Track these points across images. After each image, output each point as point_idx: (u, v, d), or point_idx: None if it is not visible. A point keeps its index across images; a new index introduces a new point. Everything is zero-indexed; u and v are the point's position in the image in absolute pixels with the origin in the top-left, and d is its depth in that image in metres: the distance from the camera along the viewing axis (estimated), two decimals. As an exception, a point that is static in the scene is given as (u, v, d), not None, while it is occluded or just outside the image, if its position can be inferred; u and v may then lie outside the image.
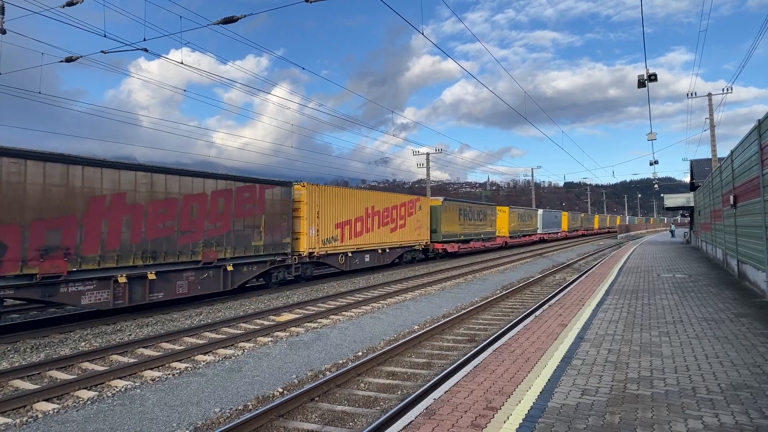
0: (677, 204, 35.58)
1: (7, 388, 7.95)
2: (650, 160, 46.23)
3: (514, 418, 4.74)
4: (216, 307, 14.83)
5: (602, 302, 11.49)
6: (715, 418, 4.59)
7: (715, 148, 32.06)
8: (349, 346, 10.56)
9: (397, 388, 7.91)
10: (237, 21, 12.10)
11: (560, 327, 8.89)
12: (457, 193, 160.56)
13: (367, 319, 13.08)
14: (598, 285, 14.83)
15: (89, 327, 11.90)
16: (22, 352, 9.89)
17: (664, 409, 4.84)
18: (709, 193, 21.98)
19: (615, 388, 5.52)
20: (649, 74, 16.74)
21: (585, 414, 4.78)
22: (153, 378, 8.27)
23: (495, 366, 6.56)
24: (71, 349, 10.20)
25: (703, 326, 8.62)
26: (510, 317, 13.20)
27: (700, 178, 31.41)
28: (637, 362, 6.52)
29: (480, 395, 5.43)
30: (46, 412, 6.78)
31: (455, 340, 10.97)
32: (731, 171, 14.72)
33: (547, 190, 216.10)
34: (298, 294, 17.48)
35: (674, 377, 5.84)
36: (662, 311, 10.18)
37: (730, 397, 5.12)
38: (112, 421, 6.56)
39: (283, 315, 13.64)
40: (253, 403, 7.30)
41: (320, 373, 8.73)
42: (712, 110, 32.49)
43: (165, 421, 6.59)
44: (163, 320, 12.95)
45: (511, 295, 17.14)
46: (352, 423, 6.58)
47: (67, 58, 14.91)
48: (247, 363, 9.14)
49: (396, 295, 16.95)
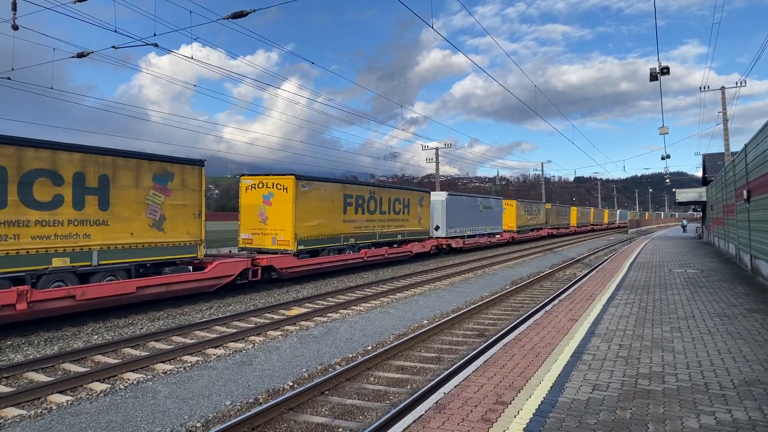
0: (689, 199, 35.25)
1: (21, 380, 8.06)
2: (662, 155, 45.66)
3: (525, 412, 4.74)
4: (226, 301, 14.92)
5: (613, 297, 11.43)
6: (728, 413, 4.56)
7: (728, 142, 31.71)
8: (359, 340, 10.59)
9: (406, 382, 7.93)
10: (246, 15, 12.11)
11: (570, 322, 8.85)
12: (466, 188, 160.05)
13: (376, 314, 13.10)
14: (608, 280, 14.75)
15: (102, 320, 12.02)
16: (36, 345, 10.01)
17: (676, 405, 4.81)
18: (722, 187, 21.75)
19: (626, 383, 5.50)
20: (662, 67, 16.55)
21: (596, 409, 4.76)
22: (164, 371, 8.35)
23: (505, 361, 6.55)
24: (84, 342, 10.31)
25: (715, 322, 8.55)
26: (520, 312, 13.17)
27: (713, 173, 31.08)
28: (648, 358, 6.48)
29: (490, 390, 5.43)
30: (60, 404, 6.87)
31: (465, 335, 10.96)
32: (745, 165, 14.54)
33: (557, 184, 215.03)
34: (307, 288, 17.54)
35: (686, 373, 5.80)
36: (674, 307, 10.11)
37: (743, 392, 5.08)
38: (125, 413, 6.63)
39: (292, 309, 13.70)
40: (264, 396, 7.35)
41: (330, 367, 8.77)
42: (725, 104, 32.11)
43: (177, 413, 6.65)
44: (174, 314, 13.05)
45: (520, 290, 17.09)
46: (362, 417, 6.60)
47: (79, 53, 15.01)
48: (257, 357, 9.20)
49: (405, 290, 16.95)
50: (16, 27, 12.93)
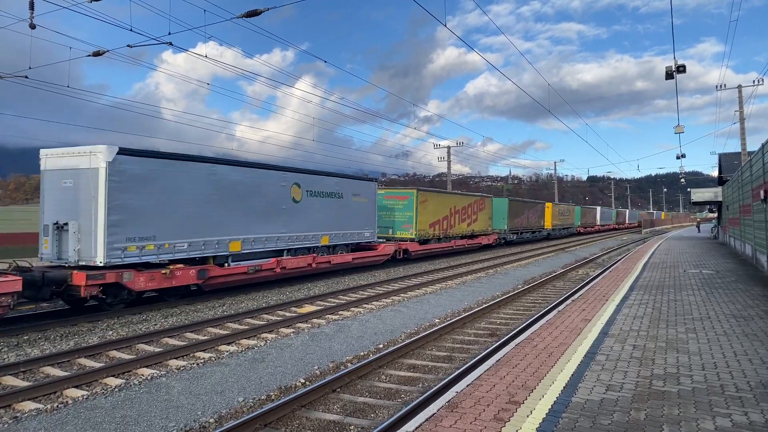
0: (704, 198, 34.80)
1: (38, 374, 8.18)
2: (677, 154, 45.16)
3: (538, 412, 4.72)
4: (239, 298, 15.02)
5: (626, 298, 11.33)
6: (744, 416, 4.50)
7: (744, 142, 31.29)
8: (370, 338, 10.61)
9: (418, 380, 7.93)
10: (260, 14, 12.16)
11: (584, 322, 8.79)
12: (478, 187, 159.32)
13: (387, 312, 13.11)
14: (622, 280, 14.62)
15: (116, 316, 12.16)
16: (52, 340, 10.15)
17: (692, 407, 4.76)
18: (739, 187, 21.45)
19: (640, 384, 5.45)
20: (678, 65, 16.35)
21: (610, 410, 4.73)
22: (178, 367, 8.42)
23: (517, 360, 6.53)
24: (99, 337, 10.44)
25: (731, 323, 8.44)
26: (532, 312, 13.10)
27: (729, 172, 30.66)
28: (663, 359, 6.42)
29: (502, 389, 5.41)
30: (75, 399, 6.96)
31: (476, 334, 10.93)
32: (762, 165, 14.33)
33: (569, 184, 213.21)
34: (319, 286, 17.60)
35: (701, 374, 5.74)
36: (689, 307, 10.00)
37: (759, 395, 5.01)
38: (139, 408, 6.70)
39: (304, 307, 13.75)
40: (276, 393, 7.39)
41: (342, 364, 8.79)
42: (742, 102, 31.67)
43: (190, 409, 6.71)
44: (188, 311, 13.16)
45: (533, 290, 17.00)
46: (373, 414, 6.61)
47: (95, 52, 15.17)
48: (269, 354, 9.25)
49: (416, 289, 16.95)
50: (33, 26, 13.10)
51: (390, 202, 26.45)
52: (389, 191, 27.12)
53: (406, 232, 26.01)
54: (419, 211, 26.17)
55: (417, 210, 26.00)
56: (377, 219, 23.28)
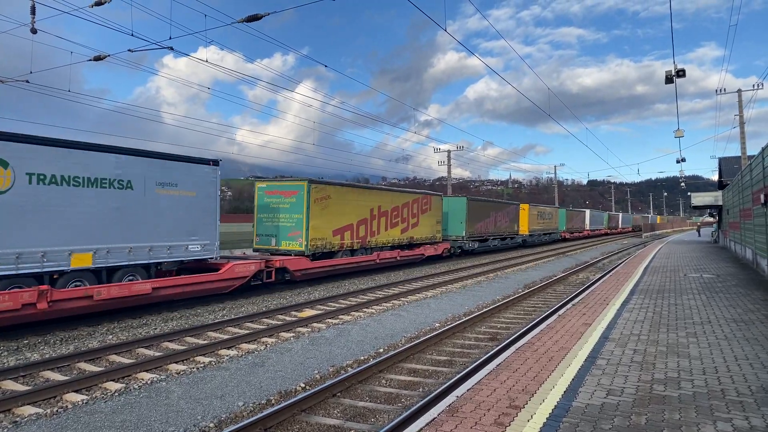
0: (705, 203, 34.81)
1: (38, 379, 8.16)
2: (677, 158, 45.16)
3: (538, 416, 4.71)
4: (239, 302, 15.00)
5: (627, 302, 11.32)
6: (746, 420, 4.49)
7: (744, 146, 31.30)
8: (371, 342, 10.59)
9: (418, 385, 7.91)
10: (261, 19, 12.20)
11: (584, 326, 8.78)
12: (478, 191, 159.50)
13: (388, 316, 13.09)
14: (622, 284, 14.61)
15: (116, 320, 12.14)
16: (52, 344, 10.14)
17: (692, 411, 4.75)
18: (739, 191, 21.45)
19: (641, 388, 5.44)
20: (678, 70, 16.38)
21: (610, 414, 4.72)
22: (178, 371, 8.41)
23: (518, 365, 6.52)
24: (99, 341, 10.42)
25: (732, 327, 8.43)
26: (532, 316, 13.08)
27: (729, 176, 30.67)
28: (663, 363, 6.41)
29: (503, 393, 5.40)
30: (75, 403, 6.95)
31: (477, 339, 10.92)
32: (762, 169, 14.33)
33: (570, 188, 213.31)
34: (319, 290, 17.58)
35: (702, 379, 5.73)
36: (689, 312, 9.98)
37: (761, 399, 5.00)
38: (139, 412, 6.69)
39: (304, 311, 13.73)
40: (276, 397, 7.37)
41: (342, 369, 8.78)
42: (741, 107, 31.71)
43: (190, 413, 6.70)
44: (188, 315, 13.15)
45: (533, 294, 16.98)
46: (374, 419, 6.60)
47: (96, 56, 15.21)
48: (269, 358, 9.24)
49: (417, 293, 16.93)
50: (34, 30, 13.15)
51: (273, 200, 19.16)
52: (272, 185, 19.53)
53: (293, 243, 18.55)
54: (313, 213, 18.67)
55: (309, 210, 18.42)
56: (258, 224, 18.93)
